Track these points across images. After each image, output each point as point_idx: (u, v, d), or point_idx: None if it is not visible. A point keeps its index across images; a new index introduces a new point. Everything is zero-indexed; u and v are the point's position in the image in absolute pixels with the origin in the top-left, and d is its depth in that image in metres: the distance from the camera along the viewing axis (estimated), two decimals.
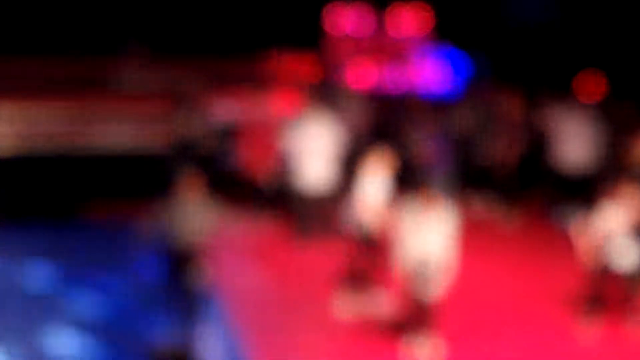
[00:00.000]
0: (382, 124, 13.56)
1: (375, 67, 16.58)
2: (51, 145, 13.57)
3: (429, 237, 8.34)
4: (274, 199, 12.41)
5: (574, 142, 12.55)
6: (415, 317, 8.33)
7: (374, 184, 9.43)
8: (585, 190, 12.75)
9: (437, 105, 14.50)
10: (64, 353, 9.12)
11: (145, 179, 13.18)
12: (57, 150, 13.54)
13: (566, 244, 11.10)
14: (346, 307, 9.17)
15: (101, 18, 17.80)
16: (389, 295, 9.19)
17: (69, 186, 13.42)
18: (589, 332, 8.89)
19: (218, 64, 16.79)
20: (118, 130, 13.95)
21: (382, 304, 9.21)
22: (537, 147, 13.40)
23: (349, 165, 12.71)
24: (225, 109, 14.42)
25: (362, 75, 16.31)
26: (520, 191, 12.98)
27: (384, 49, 17.08)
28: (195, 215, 8.12)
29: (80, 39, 17.49)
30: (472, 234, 11.24)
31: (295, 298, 10.01)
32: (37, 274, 11.39)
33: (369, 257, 9.36)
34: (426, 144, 12.46)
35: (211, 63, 16.78)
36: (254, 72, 16.95)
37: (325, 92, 13.15)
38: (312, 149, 11.15)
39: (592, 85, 14.67)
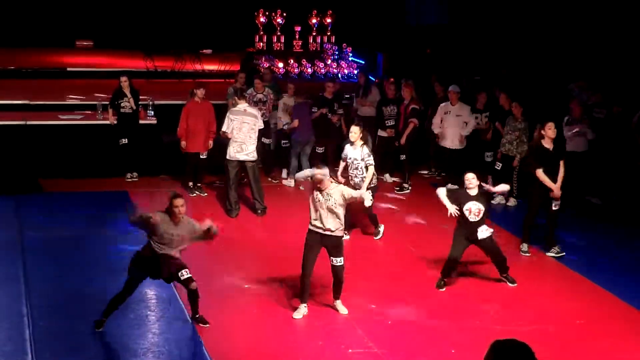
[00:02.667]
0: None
1: (295, 63, 18.77)
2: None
3: (326, 210, 9.12)
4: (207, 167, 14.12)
5: (450, 127, 14.44)
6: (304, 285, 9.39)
7: None
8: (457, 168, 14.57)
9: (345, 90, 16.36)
10: None
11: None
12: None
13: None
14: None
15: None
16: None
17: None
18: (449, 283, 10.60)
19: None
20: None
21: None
22: (424, 129, 15.32)
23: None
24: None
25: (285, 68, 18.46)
26: (409, 164, 14.70)
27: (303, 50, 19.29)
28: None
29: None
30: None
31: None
32: None
33: None
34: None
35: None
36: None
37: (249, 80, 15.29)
38: (240, 127, 12.91)
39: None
